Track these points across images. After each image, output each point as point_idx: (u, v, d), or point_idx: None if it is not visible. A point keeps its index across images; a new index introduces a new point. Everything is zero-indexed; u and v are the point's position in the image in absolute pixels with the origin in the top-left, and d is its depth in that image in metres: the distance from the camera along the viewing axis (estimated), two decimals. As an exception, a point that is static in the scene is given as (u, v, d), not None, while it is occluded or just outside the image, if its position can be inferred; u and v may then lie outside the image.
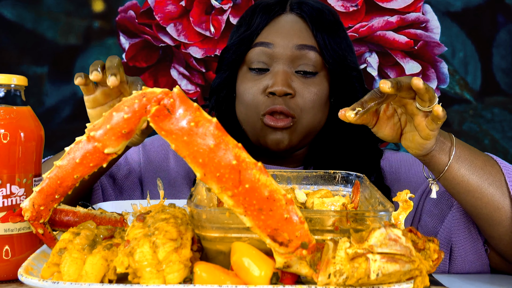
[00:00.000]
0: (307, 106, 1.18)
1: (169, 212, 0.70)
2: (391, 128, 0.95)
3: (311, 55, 1.19)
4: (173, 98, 0.63)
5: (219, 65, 1.29)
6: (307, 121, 1.19)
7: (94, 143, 0.68)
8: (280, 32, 1.20)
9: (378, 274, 0.60)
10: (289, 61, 1.19)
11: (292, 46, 1.18)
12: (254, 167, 0.62)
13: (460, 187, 0.96)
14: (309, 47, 1.19)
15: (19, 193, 0.80)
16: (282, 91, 1.15)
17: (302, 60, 1.18)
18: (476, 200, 0.97)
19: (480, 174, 0.96)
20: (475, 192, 0.96)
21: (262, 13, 1.23)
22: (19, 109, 0.82)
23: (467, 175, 0.95)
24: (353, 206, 0.84)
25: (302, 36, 1.19)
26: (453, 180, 0.96)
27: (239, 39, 1.23)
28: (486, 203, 0.96)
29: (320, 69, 1.20)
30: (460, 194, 0.97)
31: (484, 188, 0.96)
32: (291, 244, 0.63)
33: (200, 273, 0.65)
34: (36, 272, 0.70)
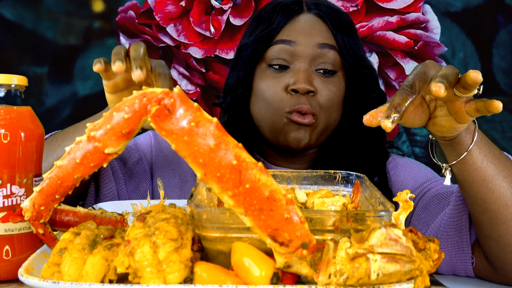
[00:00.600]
0: (326, 104, 1.20)
1: (170, 212, 0.70)
2: (419, 117, 0.90)
3: (331, 54, 1.20)
4: (173, 98, 0.63)
5: (235, 63, 1.29)
6: (324, 119, 1.21)
7: (94, 143, 0.68)
8: (302, 30, 1.21)
9: (379, 274, 0.60)
10: (310, 59, 1.20)
11: (314, 45, 1.20)
12: (254, 167, 0.62)
13: (476, 174, 0.93)
14: (329, 46, 1.21)
15: (20, 193, 0.80)
16: (305, 89, 1.16)
17: (323, 59, 1.20)
18: (488, 192, 0.93)
19: (497, 164, 0.93)
20: (489, 183, 0.92)
21: (282, 12, 1.24)
22: (19, 109, 0.82)
23: (485, 162, 0.92)
24: (353, 206, 0.84)
25: (323, 35, 1.21)
26: (472, 165, 0.92)
27: (258, 37, 1.23)
28: (496, 198, 0.93)
29: (339, 68, 1.22)
30: (474, 184, 0.93)
31: (499, 181, 0.93)
32: (292, 244, 0.63)
33: (200, 273, 0.65)
34: (36, 272, 0.70)
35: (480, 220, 0.97)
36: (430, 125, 0.91)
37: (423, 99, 0.90)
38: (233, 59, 1.31)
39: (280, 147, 1.25)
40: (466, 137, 0.91)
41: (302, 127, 1.19)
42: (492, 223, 0.95)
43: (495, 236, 0.96)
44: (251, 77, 1.26)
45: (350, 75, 1.24)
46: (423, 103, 0.90)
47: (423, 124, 0.91)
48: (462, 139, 0.91)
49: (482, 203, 0.94)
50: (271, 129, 1.23)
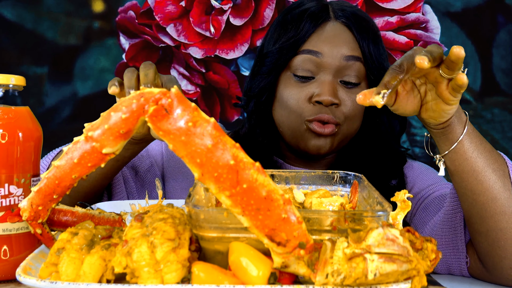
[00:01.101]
0: (350, 114, 1.21)
1: (167, 212, 0.70)
2: (411, 102, 0.92)
3: (357, 66, 1.20)
4: (171, 98, 0.63)
5: (258, 68, 1.28)
6: (347, 128, 1.22)
7: (92, 143, 0.68)
8: (328, 41, 1.21)
9: (376, 274, 0.60)
10: (335, 71, 1.20)
11: (340, 57, 1.20)
12: (251, 167, 0.62)
13: (466, 164, 0.95)
14: (355, 58, 1.20)
15: (17, 193, 0.80)
16: (330, 101, 1.17)
17: (348, 71, 1.20)
18: (477, 184, 0.95)
19: (487, 157, 0.95)
20: (478, 174, 0.95)
21: (310, 20, 1.23)
22: (17, 109, 0.82)
23: (476, 153, 0.94)
24: (351, 206, 0.84)
25: (350, 46, 1.21)
26: (463, 155, 0.95)
27: (284, 45, 1.23)
28: (485, 190, 0.95)
29: (363, 79, 1.22)
30: (463, 174, 0.96)
31: (488, 173, 0.95)
32: (289, 244, 0.63)
33: (198, 273, 0.65)
34: (34, 272, 0.70)
35: (470, 214, 0.99)
36: (423, 111, 0.93)
37: (414, 84, 0.93)
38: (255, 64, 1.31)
39: (301, 152, 1.26)
40: (458, 126, 0.93)
41: (322, 137, 1.20)
42: (481, 217, 0.97)
43: (484, 230, 0.97)
44: (275, 84, 1.26)
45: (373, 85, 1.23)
46: (414, 89, 0.93)
47: (416, 110, 0.93)
48: (454, 128, 0.93)
49: (471, 194, 0.96)
50: (292, 135, 1.24)
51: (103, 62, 2.30)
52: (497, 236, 0.96)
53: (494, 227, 0.96)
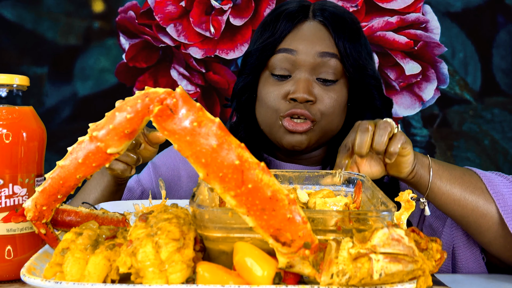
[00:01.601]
0: (327, 111, 1.21)
1: (172, 212, 0.70)
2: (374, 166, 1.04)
3: (333, 62, 1.20)
4: (176, 98, 0.63)
5: (242, 69, 1.31)
6: (325, 124, 1.22)
7: (96, 143, 0.68)
8: (303, 39, 1.22)
9: (381, 274, 0.60)
10: (311, 68, 1.20)
11: (314, 54, 1.20)
12: (257, 167, 0.62)
13: (445, 197, 1.03)
14: (330, 55, 1.21)
15: (22, 193, 0.80)
16: (304, 98, 1.18)
17: (324, 68, 1.20)
18: (462, 209, 1.03)
19: (461, 183, 1.03)
20: (459, 201, 1.03)
21: (286, 20, 1.24)
22: (21, 109, 0.82)
23: (449, 185, 1.03)
24: (355, 206, 0.84)
25: (324, 43, 1.21)
26: (438, 193, 1.03)
27: (262, 45, 1.25)
28: (471, 211, 1.03)
29: (340, 76, 1.22)
30: (447, 205, 1.04)
31: (467, 197, 1.03)
32: (294, 244, 0.63)
33: (202, 273, 0.65)
34: (38, 272, 0.70)
35: (468, 231, 1.07)
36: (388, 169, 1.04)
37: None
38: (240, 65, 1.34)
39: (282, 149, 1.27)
40: (424, 172, 1.03)
41: (297, 133, 1.20)
42: (478, 232, 1.05)
43: (486, 241, 1.05)
44: (255, 84, 1.28)
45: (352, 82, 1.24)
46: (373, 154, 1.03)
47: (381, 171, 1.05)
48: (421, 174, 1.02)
49: (461, 218, 1.04)
50: (270, 132, 1.25)
51: (103, 62, 2.30)
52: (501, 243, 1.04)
53: (493, 237, 1.04)
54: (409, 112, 2.22)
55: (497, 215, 1.02)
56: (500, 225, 1.02)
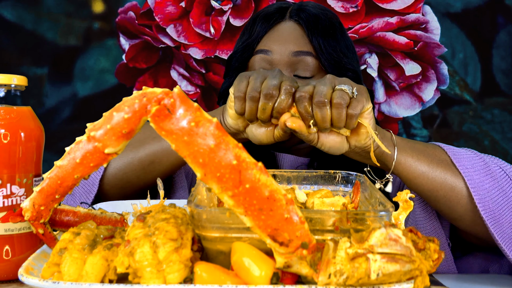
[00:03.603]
0: None
1: (170, 212, 0.70)
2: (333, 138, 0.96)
3: (308, 60, 1.23)
4: (173, 98, 0.63)
5: (226, 71, 1.35)
6: None
7: (94, 143, 0.68)
8: (278, 39, 1.25)
9: (379, 274, 0.60)
10: (286, 67, 1.23)
11: (289, 53, 1.23)
12: (254, 167, 0.62)
13: (412, 171, 1.01)
14: (305, 53, 1.23)
15: (20, 193, 0.80)
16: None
17: (299, 66, 1.23)
18: (431, 183, 1.01)
19: (426, 157, 1.01)
20: (427, 174, 1.01)
21: (262, 22, 1.28)
22: (19, 109, 0.82)
23: (413, 161, 1.01)
24: (353, 206, 0.84)
25: (298, 42, 1.24)
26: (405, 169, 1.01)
27: (242, 47, 1.28)
28: (440, 184, 1.01)
29: (317, 71, 1.24)
30: (414, 180, 1.02)
31: (433, 169, 1.01)
32: (292, 244, 0.63)
33: (200, 273, 0.65)
34: (36, 272, 0.70)
35: (437, 207, 1.05)
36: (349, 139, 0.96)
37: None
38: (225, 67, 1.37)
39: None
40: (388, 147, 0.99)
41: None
42: (448, 207, 1.03)
43: (456, 217, 1.04)
44: None
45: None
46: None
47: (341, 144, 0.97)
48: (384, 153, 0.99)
49: (430, 193, 1.02)
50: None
51: (103, 62, 2.30)
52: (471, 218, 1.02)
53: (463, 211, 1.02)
54: (409, 112, 2.22)
55: (465, 189, 1.01)
56: (469, 198, 1.01)
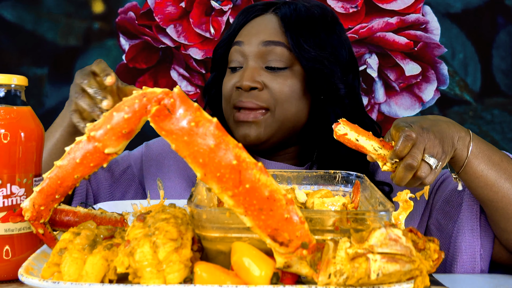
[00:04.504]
0: (279, 98, 1.20)
1: (170, 212, 0.70)
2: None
3: (279, 50, 1.21)
4: (173, 98, 0.63)
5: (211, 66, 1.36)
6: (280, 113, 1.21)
7: (94, 143, 0.68)
8: (251, 30, 1.25)
9: (379, 274, 0.60)
10: (257, 57, 1.22)
11: (258, 43, 1.22)
12: (254, 167, 0.62)
13: (479, 181, 1.02)
14: (275, 43, 1.22)
15: (20, 193, 0.80)
16: (246, 86, 1.19)
17: (271, 56, 1.22)
18: (493, 194, 1.02)
19: (497, 169, 1.02)
20: (492, 186, 1.01)
21: (241, 15, 1.29)
22: (19, 109, 0.82)
23: (485, 170, 1.01)
24: (353, 206, 0.84)
25: (269, 32, 1.23)
26: (473, 174, 1.01)
27: (222, 40, 1.30)
28: (502, 197, 1.02)
29: (292, 64, 1.22)
30: (478, 188, 1.03)
31: (501, 183, 1.02)
32: (292, 244, 0.63)
33: (200, 273, 0.65)
34: (36, 272, 0.70)
35: (494, 217, 1.06)
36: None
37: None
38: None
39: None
40: (462, 152, 0.99)
41: (246, 124, 1.21)
42: (504, 219, 1.04)
43: (510, 229, 1.05)
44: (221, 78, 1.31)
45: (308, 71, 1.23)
46: None
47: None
48: (458, 155, 0.99)
49: (490, 202, 1.03)
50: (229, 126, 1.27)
51: (103, 63, 2.30)
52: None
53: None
54: (409, 112, 2.22)
55: None
56: None
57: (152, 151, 1.38)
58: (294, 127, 1.24)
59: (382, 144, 0.90)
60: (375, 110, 2.23)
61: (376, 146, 0.90)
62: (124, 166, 1.35)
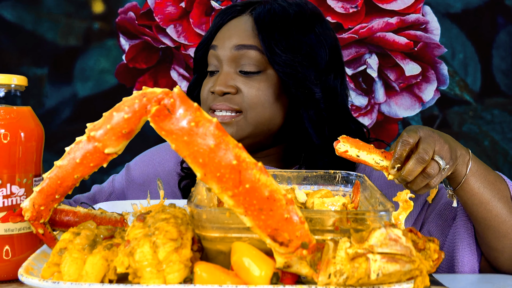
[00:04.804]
0: (252, 101, 1.19)
1: (169, 212, 0.70)
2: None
3: (251, 54, 1.20)
4: (173, 98, 0.63)
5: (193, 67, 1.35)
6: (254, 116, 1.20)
7: (94, 143, 0.68)
8: (225, 34, 1.23)
9: (379, 274, 0.60)
10: (231, 61, 1.21)
11: (231, 47, 1.20)
12: (254, 167, 0.62)
13: (474, 198, 1.03)
14: (248, 47, 1.20)
15: (19, 193, 0.80)
16: (220, 91, 1.19)
17: (243, 60, 1.20)
18: (487, 212, 1.04)
19: (492, 189, 1.04)
20: (486, 204, 1.03)
21: (218, 17, 1.27)
22: (19, 109, 0.82)
23: (481, 188, 1.03)
24: (353, 206, 0.84)
25: (242, 36, 1.21)
26: (470, 191, 1.03)
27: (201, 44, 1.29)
28: (495, 216, 1.04)
29: (265, 67, 1.20)
30: (473, 206, 1.04)
31: (495, 202, 1.04)
32: (292, 244, 0.63)
33: (200, 273, 0.65)
34: (36, 272, 0.70)
35: (485, 234, 1.07)
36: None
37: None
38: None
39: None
40: (461, 167, 1.01)
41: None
42: (495, 237, 1.06)
43: (500, 247, 1.06)
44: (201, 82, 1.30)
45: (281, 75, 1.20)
46: None
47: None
48: (457, 171, 1.01)
49: (483, 220, 1.05)
50: None
51: (103, 63, 2.30)
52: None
53: (508, 244, 1.05)
54: (409, 113, 2.22)
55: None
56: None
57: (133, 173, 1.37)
58: (269, 130, 1.23)
59: (384, 155, 0.91)
60: (375, 110, 2.23)
61: (377, 159, 0.91)
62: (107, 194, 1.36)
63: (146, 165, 1.38)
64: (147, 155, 1.40)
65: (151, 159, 1.38)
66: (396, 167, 0.90)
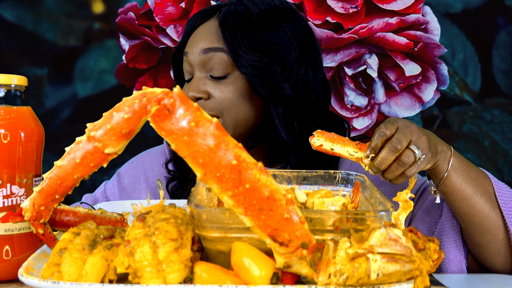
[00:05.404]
0: (225, 105, 1.19)
1: (169, 212, 0.70)
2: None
3: (218, 57, 1.19)
4: (173, 98, 0.63)
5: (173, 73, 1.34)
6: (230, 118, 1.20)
7: (94, 143, 0.68)
8: (194, 39, 1.23)
9: (379, 274, 0.60)
10: (201, 66, 1.21)
11: (199, 52, 1.20)
12: (254, 167, 0.62)
13: (456, 194, 1.04)
14: (213, 50, 1.19)
15: (20, 193, 0.80)
16: (192, 96, 1.19)
17: (211, 63, 1.20)
18: (469, 208, 1.05)
19: (474, 185, 1.04)
20: (469, 200, 1.04)
21: (187, 23, 1.26)
22: (19, 109, 0.82)
23: (463, 184, 1.04)
24: (353, 206, 0.84)
25: (209, 39, 1.20)
26: (452, 187, 1.03)
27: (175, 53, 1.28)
28: (477, 212, 1.05)
29: (233, 69, 1.20)
30: (456, 202, 1.05)
31: (477, 198, 1.05)
32: (292, 244, 0.63)
33: (200, 273, 0.65)
34: (36, 272, 0.70)
35: (469, 230, 1.08)
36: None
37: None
38: None
39: None
40: (443, 164, 1.01)
41: None
42: (479, 232, 1.07)
43: (484, 243, 1.07)
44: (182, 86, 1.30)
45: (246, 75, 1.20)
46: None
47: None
48: (439, 167, 1.02)
49: (466, 216, 1.06)
50: None
51: (103, 63, 2.30)
52: (497, 247, 1.07)
53: (493, 239, 1.06)
54: (409, 113, 2.22)
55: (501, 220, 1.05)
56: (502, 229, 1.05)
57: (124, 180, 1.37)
58: (248, 129, 1.23)
59: (359, 147, 0.93)
60: (375, 110, 2.23)
61: (351, 151, 0.92)
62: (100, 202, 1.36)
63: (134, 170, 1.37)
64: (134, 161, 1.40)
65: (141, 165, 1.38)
66: (370, 157, 0.91)
